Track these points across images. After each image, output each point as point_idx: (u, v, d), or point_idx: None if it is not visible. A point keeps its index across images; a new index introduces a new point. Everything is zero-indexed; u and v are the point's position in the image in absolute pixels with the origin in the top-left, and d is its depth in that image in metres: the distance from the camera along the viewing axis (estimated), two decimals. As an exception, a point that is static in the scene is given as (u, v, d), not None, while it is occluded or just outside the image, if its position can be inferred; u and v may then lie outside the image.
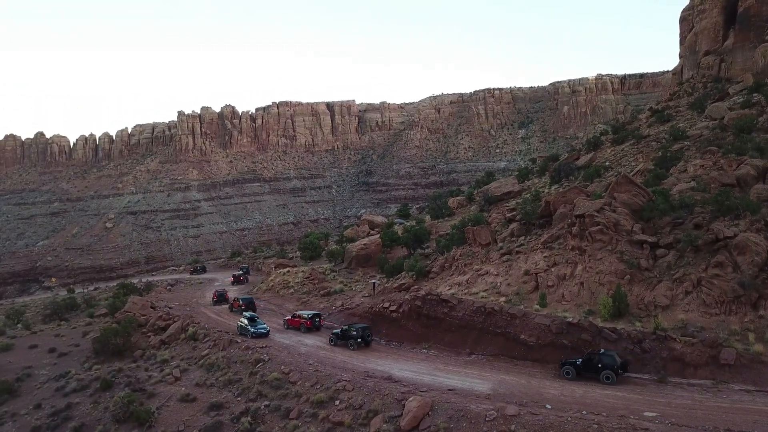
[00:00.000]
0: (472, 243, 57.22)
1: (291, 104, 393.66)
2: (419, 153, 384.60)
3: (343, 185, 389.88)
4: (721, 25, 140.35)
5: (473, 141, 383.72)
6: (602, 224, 45.80)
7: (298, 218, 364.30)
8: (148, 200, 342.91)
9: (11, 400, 48.23)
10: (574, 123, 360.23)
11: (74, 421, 40.97)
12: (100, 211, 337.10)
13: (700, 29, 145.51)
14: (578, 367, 37.19)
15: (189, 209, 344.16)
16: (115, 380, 46.03)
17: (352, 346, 47.46)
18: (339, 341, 48.79)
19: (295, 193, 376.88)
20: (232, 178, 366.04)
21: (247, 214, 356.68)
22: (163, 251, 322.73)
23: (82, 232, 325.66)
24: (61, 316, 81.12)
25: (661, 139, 79.71)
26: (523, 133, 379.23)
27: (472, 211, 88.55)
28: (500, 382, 36.08)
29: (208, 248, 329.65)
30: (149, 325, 58.62)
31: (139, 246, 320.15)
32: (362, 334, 48.04)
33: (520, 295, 45.82)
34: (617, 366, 35.85)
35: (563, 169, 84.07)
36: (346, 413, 34.38)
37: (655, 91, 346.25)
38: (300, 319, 55.82)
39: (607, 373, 35.77)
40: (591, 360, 36.74)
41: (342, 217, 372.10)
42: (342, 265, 76.97)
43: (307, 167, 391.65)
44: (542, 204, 54.05)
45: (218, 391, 41.12)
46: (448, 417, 31.37)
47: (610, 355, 36.34)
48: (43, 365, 55.43)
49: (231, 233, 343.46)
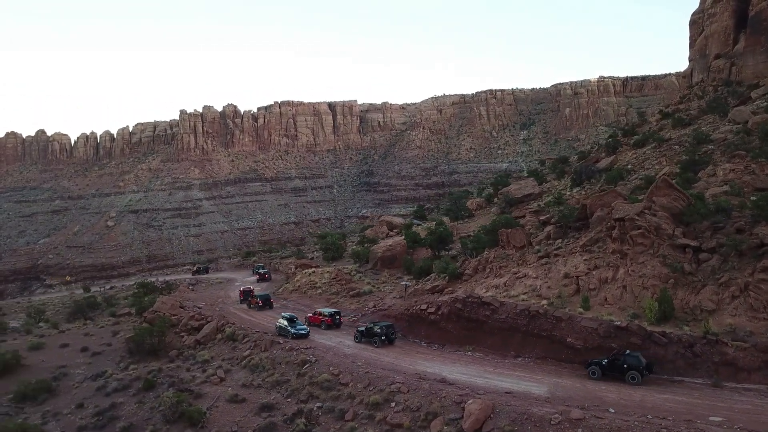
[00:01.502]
0: (506, 245, 57.41)
1: (293, 104, 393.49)
2: (421, 153, 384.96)
3: (345, 185, 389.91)
4: (731, 28, 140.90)
5: (475, 142, 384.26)
6: (643, 228, 46.03)
7: (300, 218, 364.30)
8: (150, 199, 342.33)
9: (51, 399, 48.19)
10: (575, 125, 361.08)
11: (121, 421, 40.93)
12: (101, 209, 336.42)
13: (711, 32, 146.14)
14: (603, 367, 38.13)
15: (190, 208, 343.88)
16: (157, 380, 46.04)
17: (377, 343, 48.98)
18: (364, 338, 50.37)
19: (296, 193, 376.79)
20: (233, 178, 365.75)
21: (249, 214, 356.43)
22: (165, 250, 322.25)
23: (83, 230, 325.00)
24: (86, 315, 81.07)
25: (684, 142, 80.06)
26: (524, 134, 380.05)
27: (493, 213, 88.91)
28: (555, 385, 36.29)
29: (209, 247, 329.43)
30: (182, 325, 58.66)
31: (140, 245, 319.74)
32: (386, 331, 49.64)
33: (561, 298, 45.96)
34: (642, 367, 36.87)
35: (584, 172, 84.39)
36: (403, 415, 34.53)
37: (657, 93, 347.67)
38: (321, 317, 57.67)
39: (632, 373, 36.81)
40: (616, 360, 37.72)
41: (343, 217, 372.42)
42: (367, 266, 77.13)
43: (309, 167, 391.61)
44: (578, 207, 54.21)
45: (266, 392, 41.19)
46: (511, 420, 31.53)
47: (635, 356, 37.32)
48: (78, 364, 55.36)
49: (232, 232, 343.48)
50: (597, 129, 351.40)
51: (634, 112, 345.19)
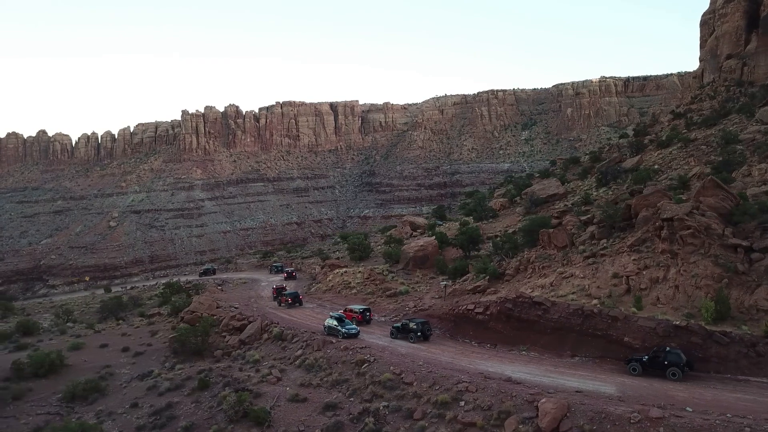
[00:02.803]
0: (546, 246, 57.70)
1: (295, 104, 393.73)
2: (422, 154, 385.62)
3: (347, 185, 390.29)
4: (743, 28, 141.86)
5: (476, 142, 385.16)
6: (693, 228, 46.38)
7: (302, 218, 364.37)
8: (152, 199, 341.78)
9: (101, 399, 48.26)
10: (577, 125, 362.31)
11: (182, 421, 40.92)
12: (103, 209, 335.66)
13: (722, 33, 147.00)
14: (644, 364, 38.76)
15: (193, 208, 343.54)
16: (210, 380, 46.09)
17: (412, 339, 50.09)
18: (399, 335, 51.46)
19: (298, 193, 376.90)
20: (235, 178, 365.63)
21: (251, 214, 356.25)
22: (167, 250, 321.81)
23: (85, 230, 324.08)
24: (117, 315, 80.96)
25: (711, 142, 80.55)
26: (526, 134, 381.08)
27: (517, 213, 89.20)
28: (621, 384, 36.51)
29: (211, 248, 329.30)
30: (223, 325, 58.72)
31: (143, 245, 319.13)
32: (422, 328, 50.67)
33: (612, 297, 46.30)
34: (683, 363, 37.51)
35: (610, 172, 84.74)
36: (475, 414, 34.68)
37: (658, 93, 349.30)
38: (352, 313, 58.81)
39: (673, 369, 37.47)
40: (657, 357, 38.35)
41: (345, 218, 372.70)
42: (398, 266, 77.30)
43: (311, 167, 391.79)
44: (623, 207, 54.54)
45: (327, 391, 41.29)
46: (589, 419, 31.71)
47: (676, 353, 37.96)
48: (122, 364, 55.39)
49: (235, 233, 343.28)
50: (599, 129, 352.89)
51: (636, 112, 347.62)
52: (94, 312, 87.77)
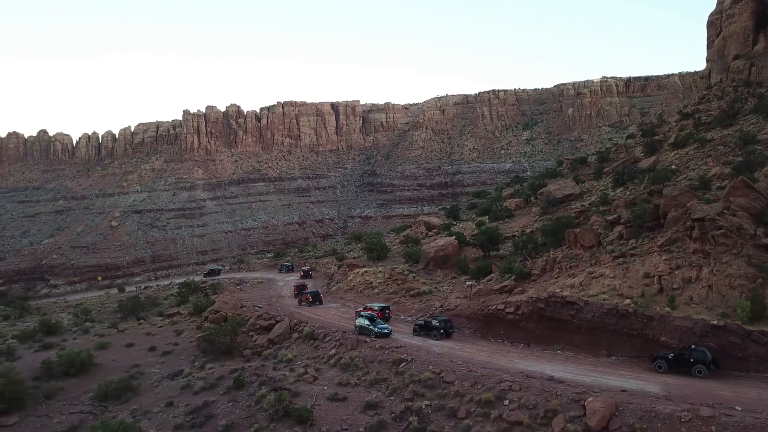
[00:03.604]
0: (572, 245, 57.98)
1: (296, 104, 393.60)
2: (424, 154, 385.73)
3: (348, 185, 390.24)
4: (751, 29, 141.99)
5: (478, 142, 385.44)
6: (725, 228, 46.67)
7: (303, 218, 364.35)
8: (154, 199, 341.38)
9: (134, 398, 48.35)
10: (578, 125, 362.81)
11: (221, 420, 41.03)
12: (104, 209, 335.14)
13: (729, 33, 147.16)
14: (670, 361, 39.67)
15: (194, 208, 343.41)
16: (245, 379, 46.21)
17: (435, 336, 51.25)
18: (422, 332, 52.44)
19: (299, 193, 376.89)
20: (237, 178, 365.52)
21: (252, 214, 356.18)
22: (169, 250, 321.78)
23: (87, 230, 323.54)
24: (137, 314, 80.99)
25: (728, 143, 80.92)
26: (527, 134, 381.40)
27: (533, 213, 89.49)
28: (664, 384, 36.77)
29: (213, 248, 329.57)
30: (249, 325, 58.84)
31: (144, 245, 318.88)
32: (444, 326, 51.82)
33: (644, 297, 46.49)
34: (708, 361, 38.32)
35: (626, 172, 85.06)
36: (520, 413, 34.88)
37: (659, 93, 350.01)
38: (372, 311, 59.43)
39: (699, 367, 38.34)
40: (683, 355, 39.22)
41: (347, 218, 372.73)
42: (418, 266, 77.52)
43: (312, 167, 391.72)
44: (651, 207, 54.82)
45: (365, 390, 41.47)
46: (638, 417, 31.95)
47: (701, 351, 38.79)
48: (151, 363, 55.47)
49: (236, 233, 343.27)
50: (600, 129, 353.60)
51: (637, 113, 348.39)
52: (111, 312, 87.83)
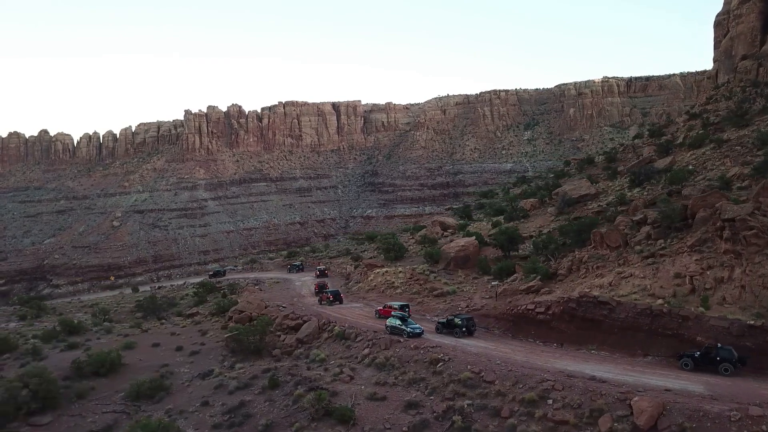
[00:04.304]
0: (598, 246, 58.27)
1: (297, 104, 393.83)
2: (425, 154, 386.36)
3: (349, 185, 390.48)
4: (758, 29, 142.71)
5: (479, 142, 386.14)
6: (756, 228, 46.97)
7: (305, 218, 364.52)
8: (155, 199, 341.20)
9: (168, 398, 48.42)
10: (580, 125, 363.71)
11: (260, 419, 41.09)
12: (106, 209, 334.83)
13: (737, 33, 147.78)
14: (696, 360, 40.43)
15: (196, 208, 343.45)
16: (280, 379, 46.33)
17: (457, 334, 52.04)
18: (444, 330, 53.33)
19: (301, 193, 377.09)
20: (238, 178, 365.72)
21: (254, 214, 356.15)
22: (171, 250, 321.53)
23: (88, 230, 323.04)
24: (158, 315, 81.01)
25: (746, 143, 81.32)
26: (528, 134, 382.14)
27: (549, 213, 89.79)
28: (707, 383, 37.00)
29: (215, 248, 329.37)
30: (276, 324, 58.99)
31: (146, 245, 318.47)
32: (466, 324, 52.65)
33: (677, 297, 46.78)
34: (735, 359, 39.14)
35: (643, 172, 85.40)
36: (565, 412, 35.06)
37: (661, 93, 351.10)
38: (391, 309, 60.18)
39: (725, 365, 39.08)
40: (709, 353, 39.95)
41: (348, 218, 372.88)
42: (438, 266, 77.74)
43: (313, 167, 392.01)
44: (680, 207, 55.12)
45: (404, 390, 41.61)
46: (687, 417, 32.16)
47: (728, 350, 39.54)
48: (180, 363, 55.54)
49: (238, 232, 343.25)
50: (601, 129, 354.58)
51: (638, 113, 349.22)
52: (128, 312, 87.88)
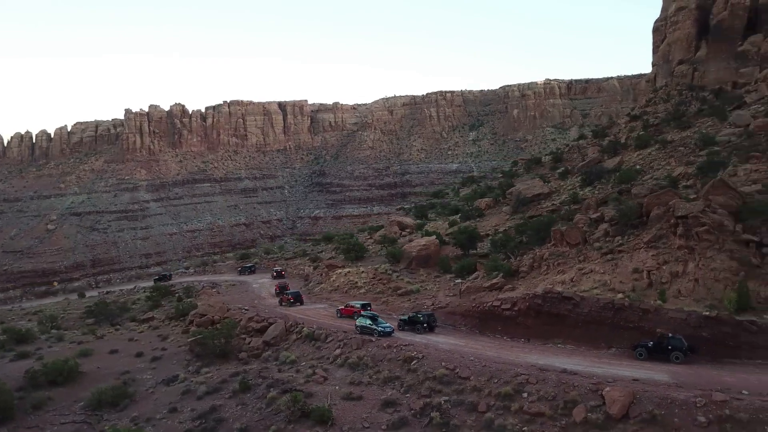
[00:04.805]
0: (558, 243, 60.03)
1: (242, 103, 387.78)
2: (373, 154, 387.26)
3: (296, 186, 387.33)
4: (694, 36, 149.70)
5: (426, 143, 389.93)
6: (708, 225, 49.51)
7: (250, 219, 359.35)
8: (94, 201, 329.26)
9: (132, 405, 47.09)
10: (523, 126, 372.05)
11: (234, 423, 40.48)
12: (40, 212, 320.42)
13: (674, 39, 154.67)
14: (649, 349, 42.61)
15: (137, 210, 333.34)
16: (251, 382, 45.77)
17: (419, 330, 53.25)
18: (406, 327, 54.48)
19: (246, 194, 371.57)
20: (181, 178, 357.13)
21: (198, 215, 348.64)
22: (111, 254, 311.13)
23: (21, 234, 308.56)
24: (112, 321, 78.10)
25: (689, 144, 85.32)
26: (473, 135, 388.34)
27: (504, 212, 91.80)
28: (670, 372, 38.74)
29: (158, 250, 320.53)
30: (241, 327, 58.15)
31: (84, 248, 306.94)
32: (428, 320, 53.99)
33: (636, 291, 48.85)
34: (685, 348, 41.49)
35: (593, 172, 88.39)
36: (541, 404, 36.06)
37: (599, 96, 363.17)
38: (353, 308, 61.30)
39: (676, 353, 41.45)
40: (661, 343, 42.18)
41: (295, 218, 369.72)
42: (400, 266, 78.26)
43: (259, 167, 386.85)
44: (635, 205, 57.44)
45: (380, 388, 41.83)
46: (656, 404, 33.63)
47: (678, 339, 41.88)
48: (141, 370, 53.98)
49: (182, 234, 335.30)
50: (543, 130, 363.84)
51: (578, 114, 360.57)
52: (77, 318, 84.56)
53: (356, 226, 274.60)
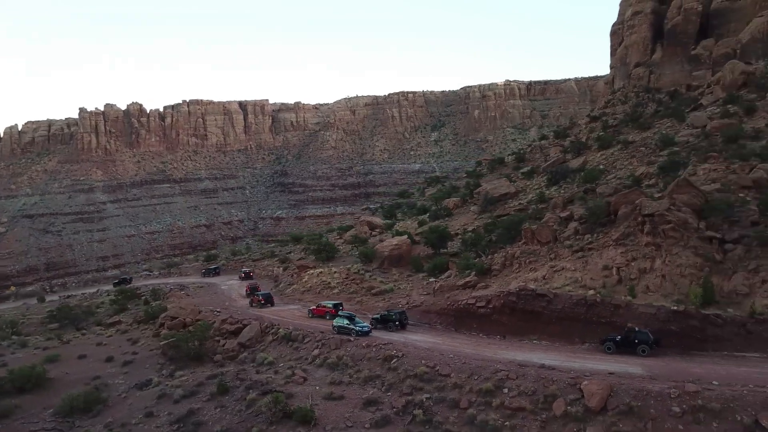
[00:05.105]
0: (529, 241, 61.23)
1: (202, 103, 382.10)
2: (335, 154, 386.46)
3: (258, 186, 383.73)
4: (649, 39, 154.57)
5: (388, 143, 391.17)
6: (673, 222, 51.29)
7: (211, 220, 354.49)
8: (47, 202, 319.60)
9: (105, 411, 46.12)
10: (484, 126, 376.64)
11: (213, 426, 40.07)
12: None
13: (630, 43, 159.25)
14: (617, 343, 44.14)
15: (93, 212, 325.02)
16: (229, 384, 45.38)
17: (391, 328, 54.24)
18: (379, 325, 55.32)
19: (206, 194, 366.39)
20: (140, 179, 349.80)
21: (157, 217, 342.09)
22: (66, 257, 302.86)
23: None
24: (78, 325, 75.95)
25: (649, 144, 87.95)
26: (435, 135, 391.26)
27: (472, 212, 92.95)
28: (643, 365, 40.06)
29: (115, 253, 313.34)
30: (215, 329, 57.51)
31: (37, 252, 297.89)
32: (399, 318, 55.17)
33: (606, 287, 50.22)
34: (651, 341, 43.05)
35: (559, 172, 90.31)
36: (521, 399, 36.86)
37: (558, 97, 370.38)
38: (325, 308, 62.23)
39: (642, 347, 43.03)
40: (628, 337, 43.77)
41: (257, 219, 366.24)
42: (372, 265, 78.46)
43: (219, 167, 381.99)
44: (603, 204, 59.06)
45: (361, 388, 42.04)
46: (632, 396, 34.79)
47: (644, 333, 43.45)
48: (112, 374, 52.88)
49: (140, 236, 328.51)
50: (504, 131, 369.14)
51: (538, 115, 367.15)
52: (38, 323, 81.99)
53: (319, 226, 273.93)
